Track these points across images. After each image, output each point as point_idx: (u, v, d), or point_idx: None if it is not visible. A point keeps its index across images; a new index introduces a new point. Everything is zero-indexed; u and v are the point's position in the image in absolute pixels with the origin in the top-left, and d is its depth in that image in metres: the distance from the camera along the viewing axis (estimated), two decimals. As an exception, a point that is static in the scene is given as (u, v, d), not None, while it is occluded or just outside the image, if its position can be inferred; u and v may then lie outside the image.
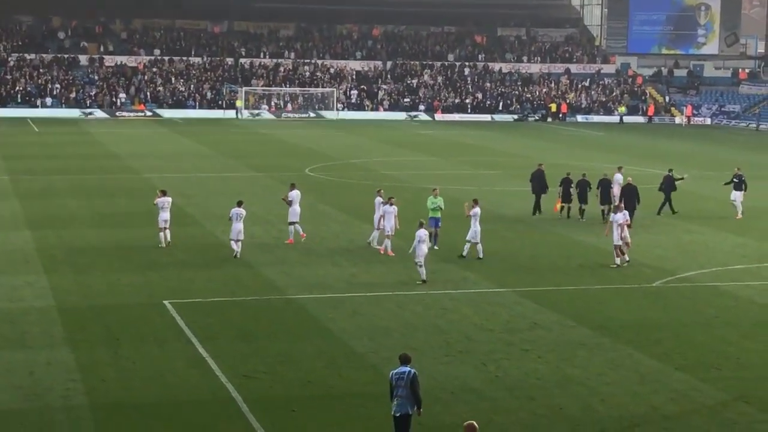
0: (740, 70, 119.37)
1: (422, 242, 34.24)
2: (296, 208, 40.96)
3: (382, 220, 38.95)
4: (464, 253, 38.16)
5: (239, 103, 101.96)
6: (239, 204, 38.81)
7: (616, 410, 23.44)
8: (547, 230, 43.05)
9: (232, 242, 38.28)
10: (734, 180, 48.77)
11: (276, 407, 23.00)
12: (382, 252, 38.60)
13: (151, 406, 22.87)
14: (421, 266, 34.32)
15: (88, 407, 22.60)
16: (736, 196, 48.31)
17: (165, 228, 39.95)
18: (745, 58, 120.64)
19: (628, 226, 38.09)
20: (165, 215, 39.95)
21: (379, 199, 39.88)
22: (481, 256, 37.94)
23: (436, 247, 38.46)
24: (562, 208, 48.27)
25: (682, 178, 50.13)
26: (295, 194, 41.24)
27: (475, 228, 37.91)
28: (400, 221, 38.73)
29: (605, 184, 47.55)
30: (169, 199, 40.67)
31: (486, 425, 22.34)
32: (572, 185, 48.08)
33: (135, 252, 38.86)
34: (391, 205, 38.60)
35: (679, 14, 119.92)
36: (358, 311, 31.26)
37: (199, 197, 49.92)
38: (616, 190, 47.39)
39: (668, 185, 49.46)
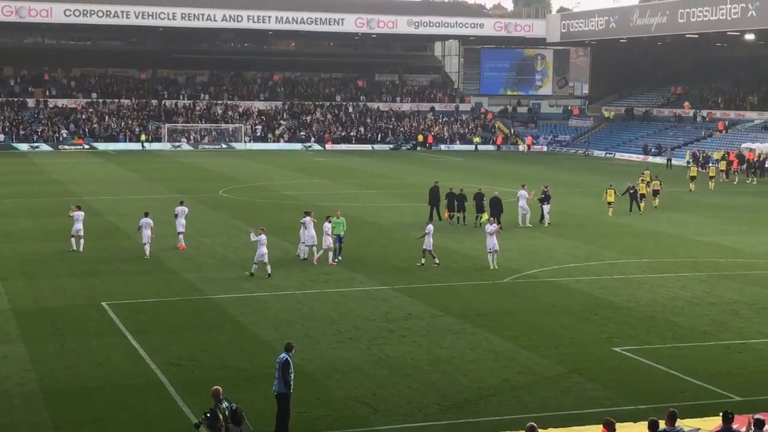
0: (570, 107, 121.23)
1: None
2: (182, 220, 41.24)
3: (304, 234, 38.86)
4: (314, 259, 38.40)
5: (143, 137, 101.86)
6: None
7: (477, 383, 23.63)
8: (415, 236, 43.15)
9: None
10: (542, 195, 49.58)
11: (198, 389, 22.82)
12: (315, 262, 38.19)
13: (93, 390, 22.60)
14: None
15: (40, 392, 22.28)
16: (544, 208, 49.23)
17: (78, 236, 40.12)
18: (573, 98, 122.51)
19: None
20: (78, 225, 40.11)
21: (307, 218, 38.97)
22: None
23: (339, 258, 38.29)
24: (450, 216, 49.39)
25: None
26: (180, 210, 41.45)
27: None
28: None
29: (479, 197, 48.66)
30: (82, 213, 40.89)
31: (371, 398, 22.43)
32: (455, 197, 49.28)
33: (77, 262, 38.30)
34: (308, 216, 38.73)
35: (520, 63, 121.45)
36: (265, 307, 31.18)
37: (130, 216, 49.10)
38: (522, 203, 48.96)
39: (546, 198, 50.24)
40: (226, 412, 17.91)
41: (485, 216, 45.92)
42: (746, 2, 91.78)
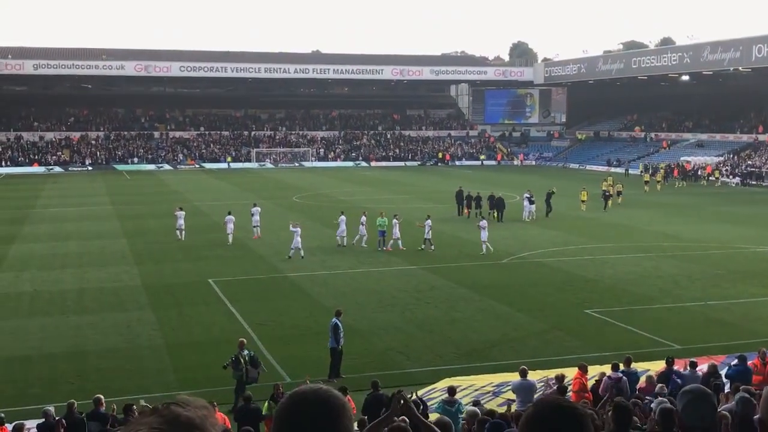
0: (552, 131, 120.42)
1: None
2: (256, 217, 41.70)
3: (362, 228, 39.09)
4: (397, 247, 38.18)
5: (229, 159, 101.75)
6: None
7: (482, 337, 23.63)
8: (441, 230, 43.07)
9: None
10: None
11: (279, 342, 22.96)
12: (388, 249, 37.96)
13: (202, 343, 22.80)
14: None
15: (164, 345, 22.50)
16: (531, 207, 48.48)
17: (181, 230, 41.37)
18: (554, 125, 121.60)
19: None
20: (180, 221, 41.50)
21: (363, 218, 39.58)
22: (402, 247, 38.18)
23: (380, 249, 37.82)
24: (468, 212, 49.75)
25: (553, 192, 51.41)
26: (255, 210, 42.20)
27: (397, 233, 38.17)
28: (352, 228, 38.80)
29: (491, 198, 49.47)
30: (184, 213, 42.32)
31: (405, 348, 22.44)
32: (473, 198, 50.18)
33: (189, 250, 38.61)
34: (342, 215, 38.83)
35: (515, 99, 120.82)
36: (326, 282, 31.31)
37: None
38: (526, 203, 49.05)
39: (548, 198, 50.33)
40: (246, 358, 18.17)
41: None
42: (682, 52, 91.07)
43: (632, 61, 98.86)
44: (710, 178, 78.14)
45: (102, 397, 15.46)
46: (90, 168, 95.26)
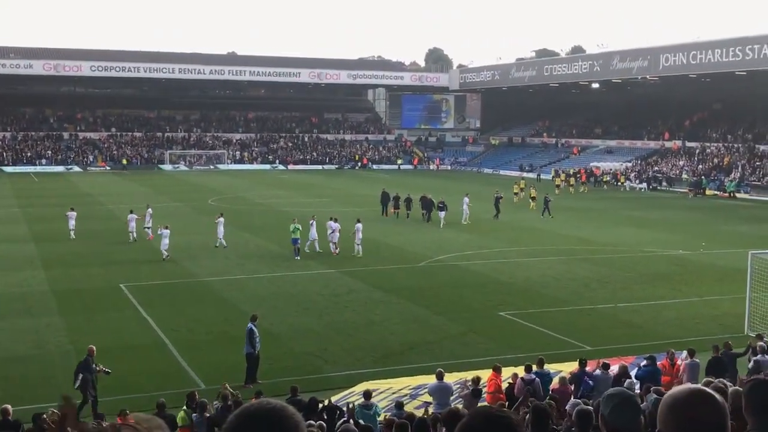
0: (467, 137, 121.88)
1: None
2: (140, 221, 41.54)
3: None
4: (314, 250, 37.92)
5: (124, 161, 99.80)
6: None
7: (400, 339, 23.67)
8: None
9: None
10: (440, 204, 49.03)
11: (192, 348, 22.56)
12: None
13: (114, 349, 22.19)
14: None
15: (74, 352, 21.80)
16: (441, 214, 48.11)
17: (72, 230, 41.43)
18: (469, 130, 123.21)
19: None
20: (72, 221, 41.49)
21: (312, 221, 38.81)
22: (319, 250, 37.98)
23: (297, 258, 36.32)
24: (395, 212, 50.82)
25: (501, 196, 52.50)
26: (72, 215, 42.07)
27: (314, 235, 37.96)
28: (271, 231, 38.28)
29: (425, 200, 50.02)
30: (75, 213, 42.18)
31: (323, 352, 22.31)
32: (400, 199, 51.24)
33: (101, 254, 37.62)
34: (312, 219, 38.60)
35: (431, 104, 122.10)
36: (243, 287, 30.93)
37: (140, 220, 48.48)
38: (465, 207, 49.59)
39: (496, 202, 51.31)
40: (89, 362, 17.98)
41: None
42: (593, 60, 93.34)
43: (544, 69, 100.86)
44: (617, 183, 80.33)
45: (9, 407, 14.90)
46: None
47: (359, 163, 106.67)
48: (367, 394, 15.86)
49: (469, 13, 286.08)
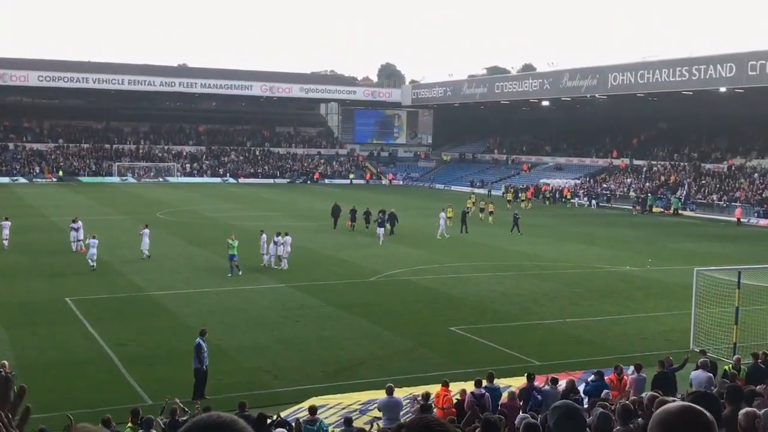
0: (419, 152, 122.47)
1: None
2: (80, 234, 41.10)
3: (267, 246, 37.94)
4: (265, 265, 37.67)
5: (61, 173, 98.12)
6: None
7: (350, 355, 23.61)
8: (308, 248, 42.82)
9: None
10: (379, 219, 48.73)
11: (140, 362, 22.23)
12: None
13: (57, 365, 21.80)
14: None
15: (17, 367, 21.30)
16: (379, 231, 47.33)
17: (4, 239, 41.31)
18: (421, 146, 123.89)
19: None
20: (6, 231, 41.43)
21: (264, 236, 38.25)
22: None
23: (236, 274, 35.20)
24: (351, 225, 50.97)
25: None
26: (6, 224, 41.97)
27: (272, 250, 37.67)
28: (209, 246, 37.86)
29: (382, 213, 49.77)
30: (9, 222, 41.98)
31: (272, 367, 22.16)
32: (357, 212, 52.09)
33: (45, 267, 36.91)
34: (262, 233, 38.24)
35: (383, 119, 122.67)
36: (192, 300, 30.59)
37: (86, 233, 47.63)
38: (441, 222, 50.27)
39: (463, 216, 52.22)
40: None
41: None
42: (543, 78, 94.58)
43: (495, 86, 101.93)
44: (568, 200, 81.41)
45: None
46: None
47: (311, 178, 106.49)
48: (313, 410, 15.80)
49: (422, 29, 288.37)
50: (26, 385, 2.48)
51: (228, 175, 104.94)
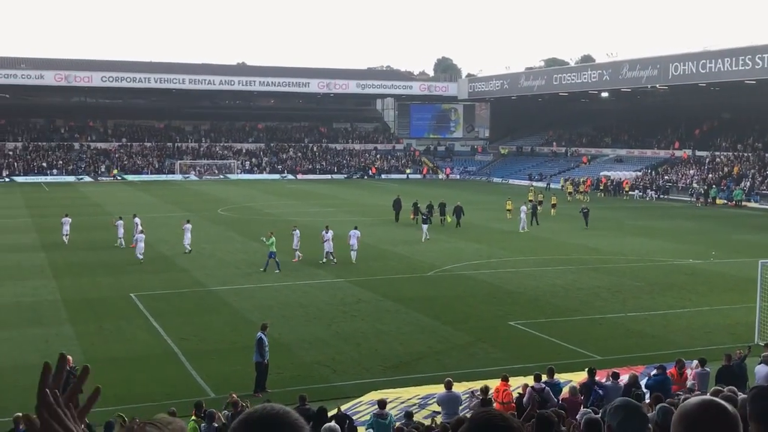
0: (475, 146, 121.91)
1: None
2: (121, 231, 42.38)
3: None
4: (323, 260, 37.71)
5: (115, 171, 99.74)
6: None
7: (408, 349, 23.63)
8: (367, 243, 42.91)
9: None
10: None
11: (201, 357, 22.57)
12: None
13: (123, 359, 22.24)
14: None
15: (84, 362, 21.78)
16: (424, 227, 46.71)
17: (66, 236, 42.78)
18: (478, 140, 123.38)
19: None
20: (66, 227, 43.04)
21: (324, 232, 38.09)
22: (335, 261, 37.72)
23: (277, 271, 35.06)
24: (414, 218, 51.58)
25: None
26: (66, 221, 43.36)
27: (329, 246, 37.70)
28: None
29: (442, 205, 51.84)
30: (69, 219, 43.40)
31: (331, 361, 22.28)
32: (418, 206, 52.25)
33: (111, 263, 37.68)
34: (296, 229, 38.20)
35: (439, 114, 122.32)
36: (252, 296, 30.93)
37: (151, 228, 48.38)
38: (522, 216, 50.38)
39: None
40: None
41: (448, 218, 50.58)
42: (602, 69, 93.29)
43: (553, 78, 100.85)
44: (627, 192, 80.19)
45: (21, 415, 14.90)
46: (7, 179, 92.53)
47: (368, 173, 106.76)
48: (382, 403, 15.81)
49: (478, 22, 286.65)
50: (89, 366, 2.51)
51: (286, 171, 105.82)
